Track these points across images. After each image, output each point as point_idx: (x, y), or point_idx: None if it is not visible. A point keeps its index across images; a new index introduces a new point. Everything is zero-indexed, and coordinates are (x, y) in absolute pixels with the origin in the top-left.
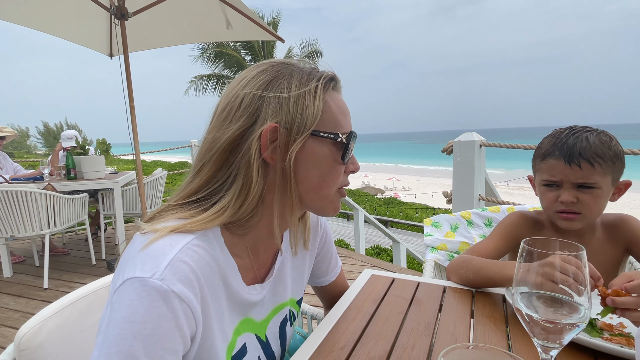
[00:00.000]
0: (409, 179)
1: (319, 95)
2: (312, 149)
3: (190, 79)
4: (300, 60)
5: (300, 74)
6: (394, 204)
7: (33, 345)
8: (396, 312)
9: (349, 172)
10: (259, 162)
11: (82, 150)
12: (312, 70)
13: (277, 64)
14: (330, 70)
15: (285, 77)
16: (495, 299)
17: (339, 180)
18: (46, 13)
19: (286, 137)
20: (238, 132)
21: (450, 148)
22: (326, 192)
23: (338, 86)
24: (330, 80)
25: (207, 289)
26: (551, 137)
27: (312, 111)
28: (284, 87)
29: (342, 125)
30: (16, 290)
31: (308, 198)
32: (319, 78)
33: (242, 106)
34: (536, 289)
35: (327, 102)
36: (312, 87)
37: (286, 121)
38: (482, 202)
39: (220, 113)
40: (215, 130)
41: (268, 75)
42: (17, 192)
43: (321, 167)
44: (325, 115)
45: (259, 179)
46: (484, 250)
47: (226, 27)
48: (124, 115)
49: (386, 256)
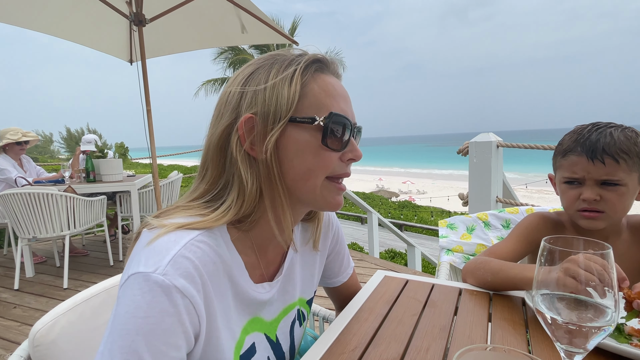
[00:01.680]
0: (423, 182)
1: (296, 80)
2: (293, 136)
3: (201, 82)
4: (293, 48)
5: (282, 62)
6: (408, 208)
7: (47, 341)
8: (410, 314)
9: (347, 160)
10: (243, 156)
11: (101, 153)
12: (297, 56)
13: (265, 57)
14: (318, 52)
15: (266, 68)
16: (514, 302)
17: (330, 168)
18: (69, 22)
19: (263, 128)
20: (224, 127)
21: (466, 149)
22: (314, 182)
23: (328, 67)
24: (314, 62)
25: (210, 285)
26: (573, 134)
27: (288, 97)
28: (262, 78)
29: (329, 109)
30: (37, 290)
31: (297, 190)
32: (298, 62)
33: (227, 103)
34: (559, 290)
35: (308, 86)
36: (288, 73)
37: (262, 111)
38: (499, 204)
39: (214, 111)
40: (210, 128)
41: (251, 68)
42: (39, 194)
43: (304, 155)
44: (306, 99)
45: (250, 174)
46: (502, 252)
47: (241, 32)
48: (142, 120)
49: (400, 260)
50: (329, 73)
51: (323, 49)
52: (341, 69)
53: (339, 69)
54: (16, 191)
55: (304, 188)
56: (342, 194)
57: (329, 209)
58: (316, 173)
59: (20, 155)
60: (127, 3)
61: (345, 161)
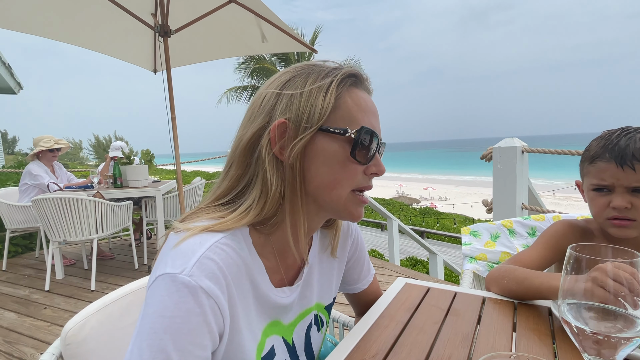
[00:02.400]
0: (446, 189)
1: (332, 91)
2: (322, 145)
3: (224, 90)
4: (328, 60)
5: (318, 72)
6: (430, 214)
7: (77, 340)
8: (431, 322)
9: (370, 174)
10: (271, 158)
11: (127, 160)
12: (334, 69)
13: (302, 65)
14: (354, 68)
15: (303, 76)
16: (540, 312)
17: (355, 180)
18: (97, 34)
19: (294, 133)
20: (256, 129)
21: (490, 155)
22: (339, 192)
23: (362, 83)
24: (350, 76)
25: (234, 287)
26: (600, 139)
27: (322, 106)
28: (299, 84)
29: (360, 122)
30: (66, 291)
31: (321, 198)
32: (336, 75)
33: (261, 105)
34: (586, 299)
35: (342, 98)
36: (325, 83)
37: (295, 117)
38: (525, 211)
39: (247, 113)
40: (240, 129)
41: (288, 75)
42: (70, 199)
43: (332, 165)
44: (339, 111)
45: (276, 177)
46: (527, 260)
47: (261, 41)
48: (166, 127)
49: (422, 268)
50: (362, 89)
51: (342, 56)
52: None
53: (370, 86)
54: (49, 196)
55: (328, 197)
56: (363, 206)
57: (350, 220)
58: (342, 184)
59: (52, 162)
60: (152, 15)
61: (368, 174)
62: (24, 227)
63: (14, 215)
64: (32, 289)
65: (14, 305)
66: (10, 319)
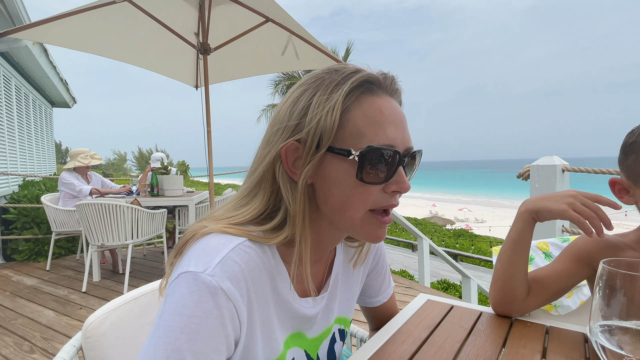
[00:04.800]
0: (482, 210)
1: (337, 108)
2: (332, 166)
3: (262, 108)
4: (345, 63)
5: (326, 86)
6: (464, 236)
7: (97, 334)
8: (452, 341)
9: (392, 192)
10: (285, 180)
11: (164, 170)
12: (343, 78)
13: (313, 76)
14: (368, 72)
15: (309, 92)
16: (574, 338)
17: (370, 201)
18: (146, 52)
19: (304, 154)
20: (269, 151)
21: (527, 173)
22: (351, 214)
23: (380, 87)
24: (362, 84)
25: (254, 291)
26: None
27: (326, 126)
28: (305, 104)
29: (370, 139)
30: (101, 294)
31: (335, 219)
32: (343, 87)
33: (276, 124)
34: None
35: (349, 112)
36: (330, 98)
37: (305, 138)
38: (565, 234)
39: (266, 131)
40: (261, 148)
41: (298, 91)
42: (110, 205)
43: (342, 186)
44: (346, 128)
45: (291, 197)
46: (548, 271)
47: (296, 58)
48: (203, 140)
49: (454, 292)
50: (381, 93)
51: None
52: (399, 84)
53: (395, 85)
54: (92, 201)
55: (342, 218)
56: (385, 227)
57: (368, 241)
58: (354, 206)
59: (86, 172)
60: (195, 34)
61: (389, 192)
62: (67, 230)
63: (59, 219)
64: (71, 289)
65: (53, 304)
66: (49, 316)
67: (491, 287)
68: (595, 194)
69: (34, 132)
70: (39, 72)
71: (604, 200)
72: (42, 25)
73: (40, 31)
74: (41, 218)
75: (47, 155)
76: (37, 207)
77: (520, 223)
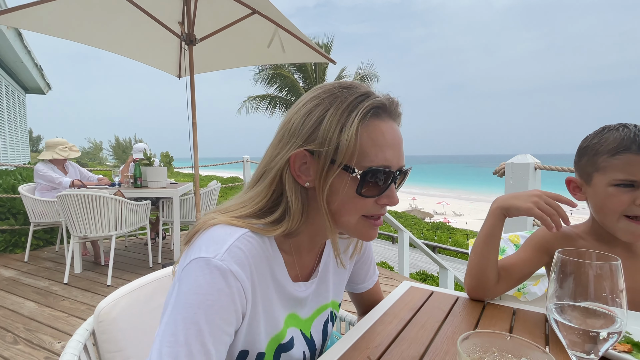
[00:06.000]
0: (460, 204)
1: (350, 128)
2: (335, 177)
3: (244, 99)
4: (355, 83)
5: (340, 103)
6: (442, 229)
7: (109, 318)
8: (433, 321)
9: (382, 204)
10: (291, 181)
11: (147, 161)
12: (356, 98)
13: (328, 90)
14: (379, 98)
15: (324, 106)
16: (536, 319)
17: (364, 210)
18: (128, 41)
19: (313, 163)
20: (279, 154)
21: (502, 170)
22: (348, 219)
23: (386, 112)
24: (371, 109)
25: (256, 275)
26: (614, 131)
27: (338, 143)
28: (319, 117)
29: (372, 159)
30: (84, 285)
31: (332, 221)
32: (357, 110)
33: (289, 130)
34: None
35: (358, 134)
36: (344, 119)
37: (313, 149)
38: (536, 227)
39: (277, 133)
40: (270, 148)
41: (313, 103)
42: (93, 196)
43: (341, 196)
44: (353, 146)
45: (295, 197)
46: (514, 260)
47: (282, 51)
48: (184, 132)
49: (432, 282)
50: (386, 118)
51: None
52: (401, 107)
53: (398, 109)
54: (74, 192)
55: (339, 221)
56: (377, 228)
57: (362, 240)
58: (350, 212)
59: (63, 164)
60: (179, 24)
61: (380, 204)
62: (46, 221)
63: (38, 209)
64: (52, 281)
65: (34, 296)
66: (30, 308)
67: (466, 275)
68: (556, 194)
69: (7, 120)
70: (12, 57)
71: (563, 199)
72: (20, 10)
73: (18, 16)
74: (17, 209)
75: (20, 144)
76: (12, 198)
77: (492, 219)
